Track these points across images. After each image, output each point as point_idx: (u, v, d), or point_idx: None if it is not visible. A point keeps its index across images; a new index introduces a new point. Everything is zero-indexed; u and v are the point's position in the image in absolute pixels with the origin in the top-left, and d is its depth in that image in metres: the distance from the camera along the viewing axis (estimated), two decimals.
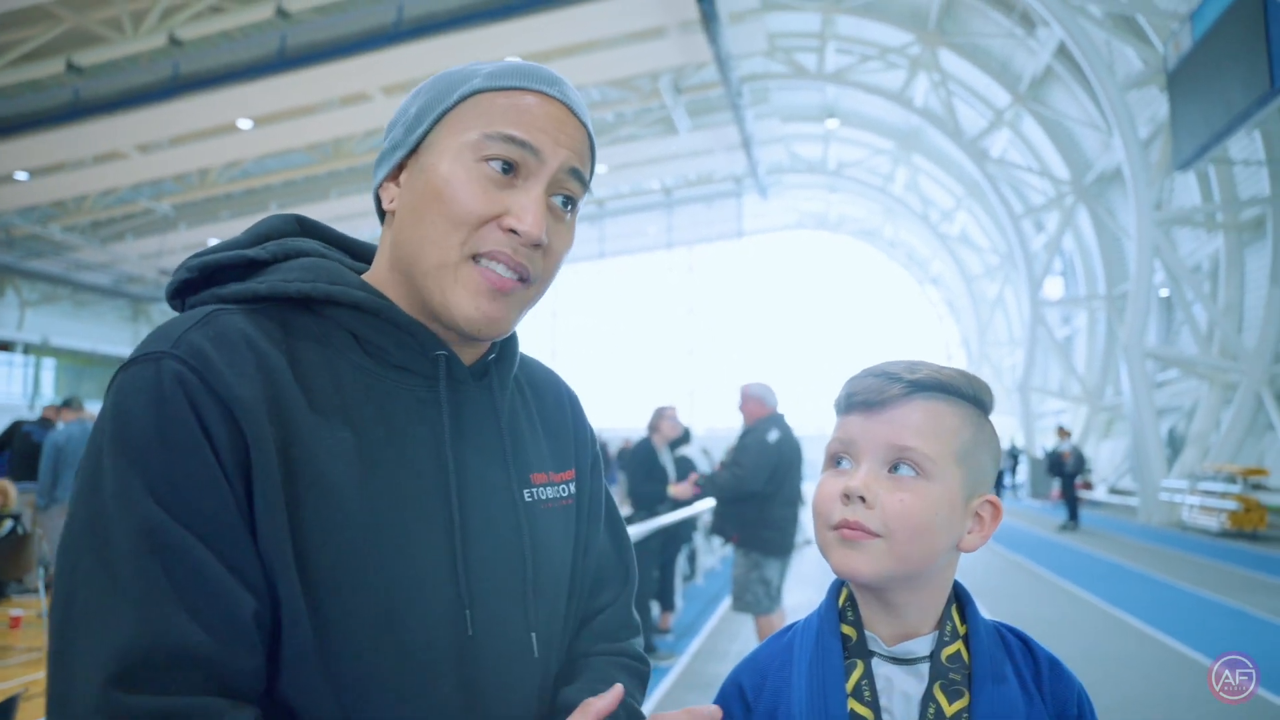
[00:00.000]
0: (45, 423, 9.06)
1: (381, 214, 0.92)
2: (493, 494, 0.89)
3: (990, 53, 20.96)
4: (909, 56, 21.44)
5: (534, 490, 0.95)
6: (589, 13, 15.13)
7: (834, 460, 0.91)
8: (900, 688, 0.88)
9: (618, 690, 0.87)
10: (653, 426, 6.60)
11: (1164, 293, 19.02)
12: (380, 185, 0.91)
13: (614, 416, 31.59)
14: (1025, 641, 0.96)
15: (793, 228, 36.14)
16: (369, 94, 17.83)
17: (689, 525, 7.52)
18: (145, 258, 27.09)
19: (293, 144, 20.14)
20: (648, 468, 6.45)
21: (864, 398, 0.89)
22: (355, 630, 0.77)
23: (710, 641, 6.52)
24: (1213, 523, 13.76)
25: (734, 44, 18.14)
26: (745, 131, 21.39)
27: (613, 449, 20.32)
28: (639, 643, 1.07)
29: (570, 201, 0.90)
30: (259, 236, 0.92)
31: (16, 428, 9.19)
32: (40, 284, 28.41)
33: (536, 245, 0.85)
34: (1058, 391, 24.81)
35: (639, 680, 1.02)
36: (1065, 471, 15.57)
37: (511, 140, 0.84)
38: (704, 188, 31.20)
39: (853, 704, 0.87)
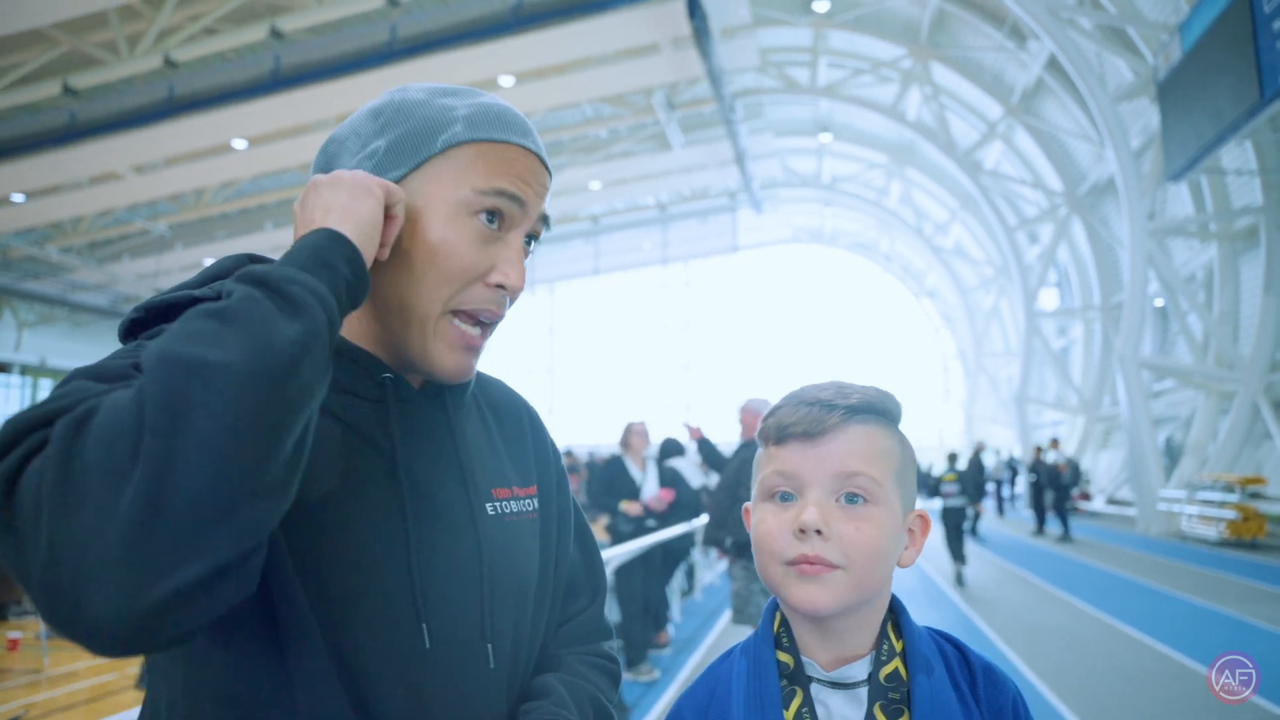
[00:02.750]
0: None
1: None
2: (449, 509, 0.90)
3: (982, 66, 21.09)
4: (901, 70, 21.57)
5: (497, 504, 0.95)
6: (582, 30, 15.21)
7: (774, 494, 0.89)
8: (840, 713, 0.86)
9: None
10: (623, 442, 6.66)
11: (1159, 303, 19.08)
12: None
13: (611, 433, 31.51)
14: (960, 649, 0.95)
15: (788, 242, 36.22)
16: None
17: (687, 541, 7.51)
18: (142, 278, 27.13)
19: (287, 163, 20.19)
20: (606, 482, 6.51)
21: (804, 428, 0.88)
22: (308, 647, 0.78)
23: (710, 656, 6.48)
24: (1211, 532, 13.74)
25: (726, 59, 18.24)
26: (739, 147, 21.48)
27: None
28: (611, 645, 1.09)
29: (533, 239, 0.93)
30: (209, 277, 0.92)
31: None
32: (37, 305, 28.41)
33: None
34: (1054, 402, 24.82)
35: (610, 679, 1.04)
36: (1062, 484, 15.52)
37: (503, 194, 0.87)
38: (699, 203, 31.30)
39: None
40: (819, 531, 0.85)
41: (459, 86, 0.94)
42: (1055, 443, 16.83)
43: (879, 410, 0.91)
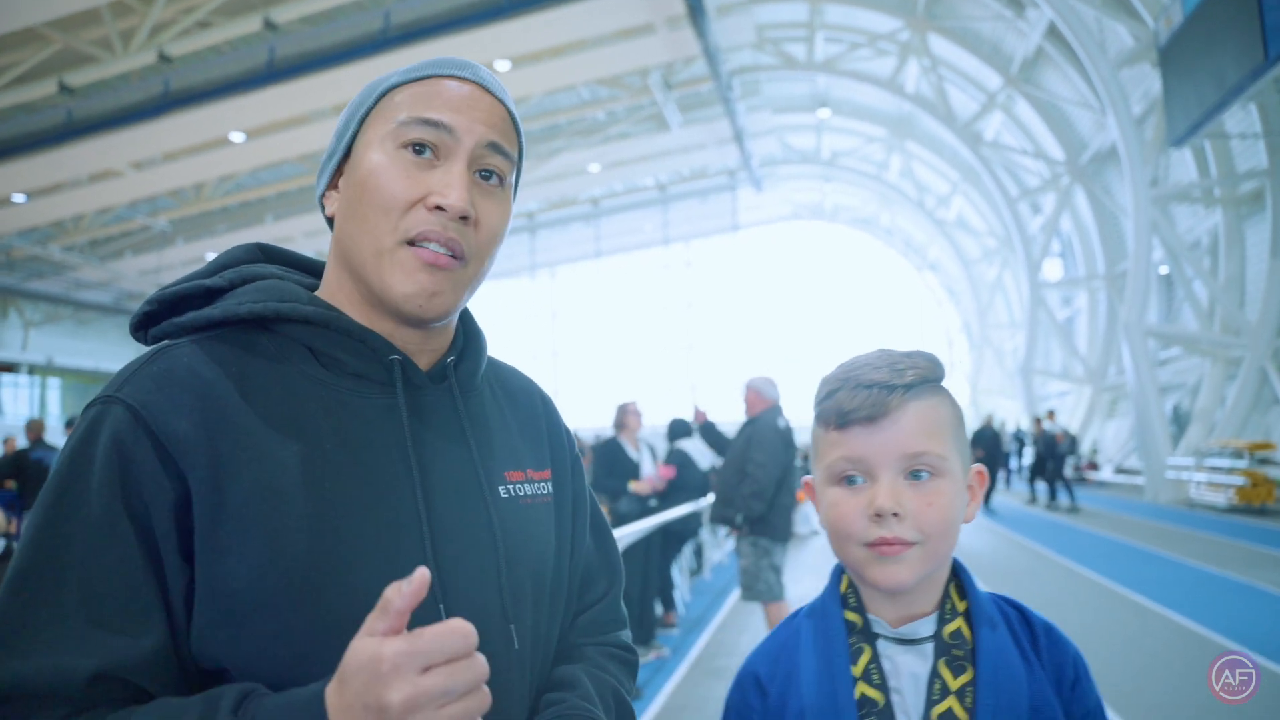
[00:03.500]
0: (40, 443, 9.09)
1: (331, 224, 0.95)
2: (462, 491, 0.91)
3: (980, 36, 20.91)
4: (899, 43, 21.40)
5: (510, 487, 0.96)
6: (576, 12, 15.12)
7: (843, 478, 0.92)
8: (907, 669, 0.91)
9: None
10: (618, 424, 6.67)
11: (1164, 270, 18.99)
12: (323, 195, 0.95)
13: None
14: (1021, 610, 0.98)
15: (788, 219, 36.09)
16: None
17: (694, 521, 7.54)
18: (144, 274, 27.17)
19: (286, 155, 20.16)
20: (609, 463, 6.54)
21: (866, 412, 0.90)
22: (323, 632, 0.78)
23: (720, 634, 6.53)
24: (1220, 498, 13.75)
25: (722, 37, 18.12)
26: (737, 125, 21.37)
27: None
28: (627, 635, 1.10)
29: (495, 176, 0.92)
30: (219, 267, 0.95)
31: (24, 456, 9.05)
32: (42, 304, 28.52)
33: (464, 218, 0.87)
34: (1060, 373, 24.78)
35: (628, 670, 1.06)
36: (1059, 453, 15.62)
37: (425, 122, 0.87)
38: (698, 182, 31.18)
39: (863, 687, 0.90)
40: (895, 514, 0.88)
41: None
42: (1051, 414, 16.95)
43: (932, 380, 0.93)
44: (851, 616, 0.95)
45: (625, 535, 5.61)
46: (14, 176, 18.38)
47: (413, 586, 0.65)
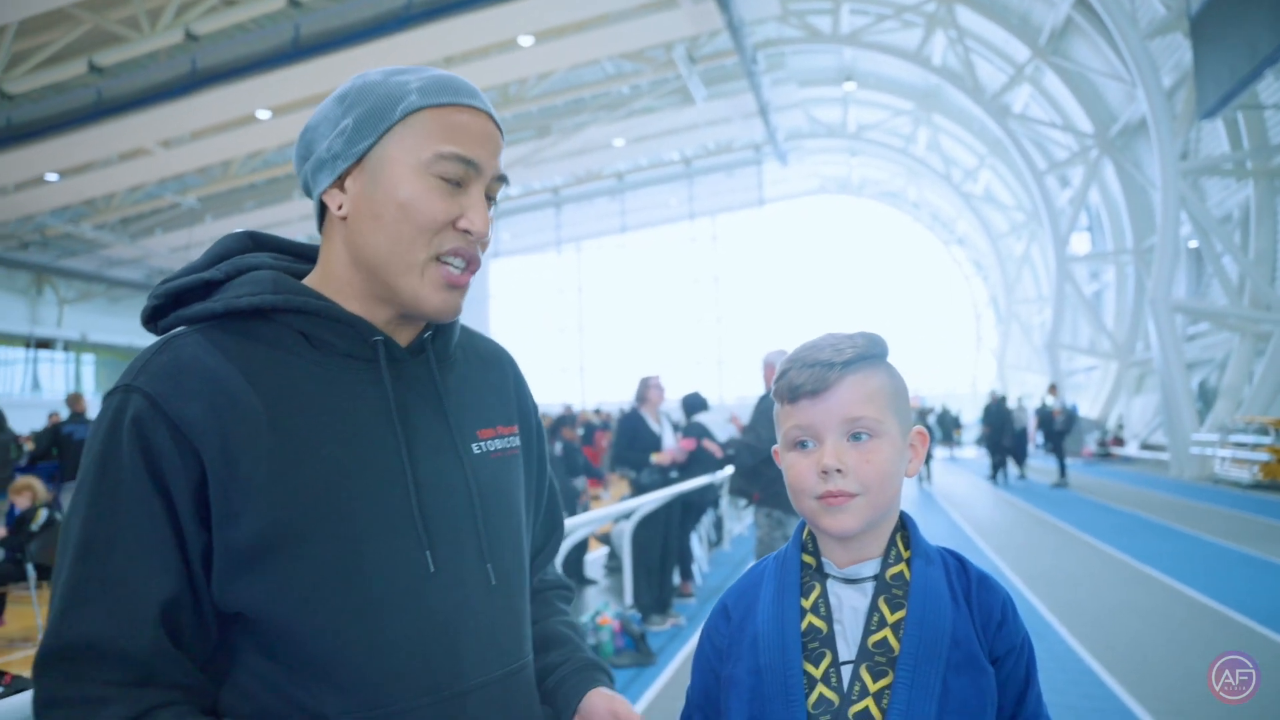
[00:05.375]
0: (78, 416, 9.34)
1: (321, 216, 1.05)
2: (440, 450, 1.04)
3: (1008, 6, 20.58)
4: (925, 14, 21.12)
5: (482, 444, 1.10)
6: None
7: (797, 443, 1.07)
8: (849, 603, 1.05)
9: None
10: (640, 396, 6.80)
11: (1193, 244, 18.72)
12: (324, 191, 1.03)
13: None
14: (961, 560, 1.11)
15: (815, 193, 35.87)
16: None
17: (712, 492, 7.65)
18: (175, 251, 27.57)
19: None
20: (631, 436, 6.69)
21: (810, 387, 1.05)
22: (323, 577, 0.92)
23: None
24: (1245, 474, 13.65)
25: (746, 10, 18.00)
26: (762, 98, 21.25)
27: None
28: (560, 572, 1.35)
29: (492, 201, 1.06)
30: (215, 258, 1.06)
31: (56, 431, 9.35)
32: (76, 282, 29.02)
33: (483, 240, 1.02)
34: (1087, 348, 24.56)
35: (568, 603, 1.30)
36: (1055, 429, 15.76)
37: (459, 159, 0.99)
38: (724, 156, 31.05)
39: (811, 618, 1.05)
40: (839, 470, 1.02)
41: (410, 66, 1.05)
42: (1053, 389, 16.98)
43: (867, 356, 1.07)
44: (808, 559, 1.10)
45: (642, 505, 5.74)
46: (47, 156, 18.71)
47: None
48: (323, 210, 1.04)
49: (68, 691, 0.84)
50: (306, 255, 1.15)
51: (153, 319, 1.03)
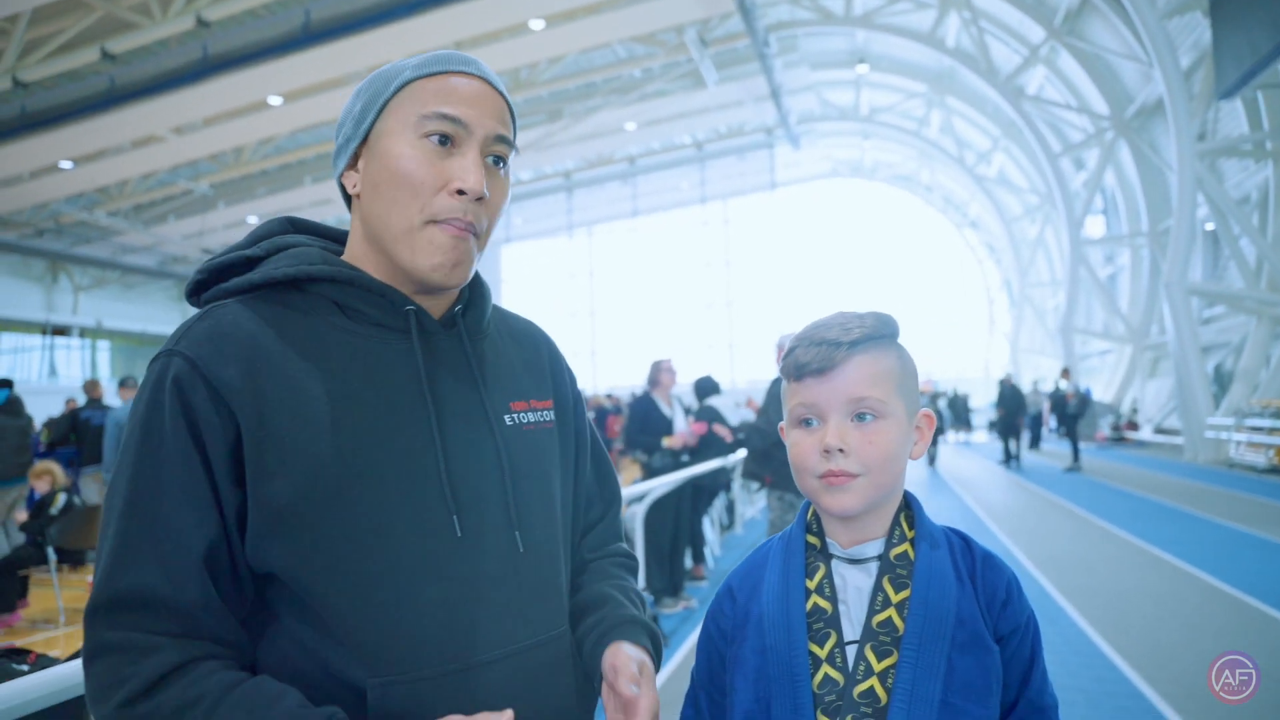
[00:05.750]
0: (95, 402, 9.43)
1: (347, 199, 1.09)
2: (470, 420, 1.06)
3: None
4: None
5: (514, 416, 1.12)
6: None
7: (802, 421, 1.07)
8: (854, 583, 1.05)
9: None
10: (652, 380, 6.81)
11: (1209, 227, 18.54)
12: (342, 174, 1.07)
13: None
14: (966, 540, 1.11)
15: (827, 176, 35.66)
16: None
17: (724, 476, 7.67)
18: (188, 238, 27.67)
19: (324, 117, 20.31)
20: (642, 420, 6.70)
21: (816, 365, 1.05)
22: (353, 539, 0.94)
23: None
24: (1260, 459, 13.57)
25: None
26: (774, 81, 21.09)
27: None
28: (625, 546, 1.30)
29: (500, 160, 1.06)
30: (256, 238, 1.11)
31: (74, 416, 9.46)
32: (90, 269, 29.17)
33: (480, 199, 1.01)
34: (1101, 332, 24.39)
35: (631, 569, 1.27)
36: (1068, 413, 15.69)
37: (444, 117, 1.00)
38: (735, 140, 30.86)
39: (815, 598, 1.05)
40: (841, 450, 1.01)
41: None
42: (1066, 373, 16.92)
43: (876, 337, 1.06)
44: (812, 540, 1.11)
45: (654, 488, 5.76)
46: (61, 144, 18.79)
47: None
48: (348, 195, 1.08)
49: (117, 639, 0.87)
50: (342, 239, 1.18)
51: (195, 292, 1.07)
